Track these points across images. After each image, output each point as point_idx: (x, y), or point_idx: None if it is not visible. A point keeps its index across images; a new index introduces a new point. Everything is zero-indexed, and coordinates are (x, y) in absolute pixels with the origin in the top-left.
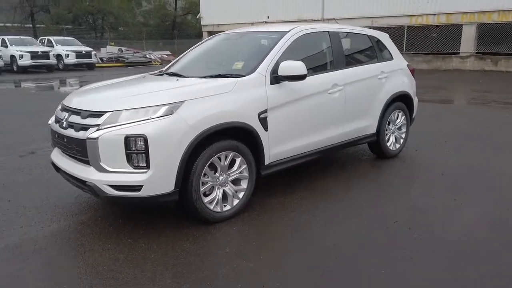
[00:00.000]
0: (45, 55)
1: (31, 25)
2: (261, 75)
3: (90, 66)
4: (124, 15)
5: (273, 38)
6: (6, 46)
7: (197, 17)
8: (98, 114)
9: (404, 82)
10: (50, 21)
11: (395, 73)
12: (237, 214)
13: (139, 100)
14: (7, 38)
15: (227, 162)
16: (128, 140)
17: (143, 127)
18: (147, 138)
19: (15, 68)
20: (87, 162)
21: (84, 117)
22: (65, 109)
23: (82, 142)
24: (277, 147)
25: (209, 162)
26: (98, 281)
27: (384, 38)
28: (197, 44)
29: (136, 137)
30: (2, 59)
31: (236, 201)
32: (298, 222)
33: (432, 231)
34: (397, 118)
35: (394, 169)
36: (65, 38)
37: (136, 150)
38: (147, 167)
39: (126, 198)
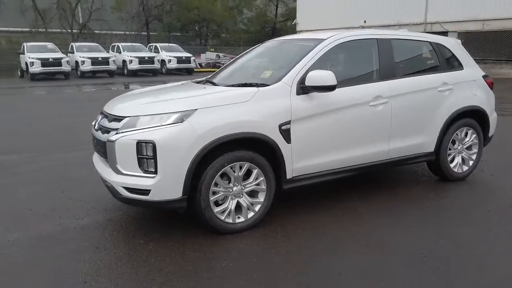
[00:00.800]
0: (151, 60)
1: (145, 33)
2: (287, 85)
3: (189, 71)
4: (226, 23)
5: (308, 46)
6: (120, 52)
7: (293, 23)
8: (119, 119)
9: (476, 96)
10: (161, 29)
11: (463, 85)
12: (252, 228)
13: (157, 107)
14: (121, 45)
15: (241, 173)
16: (140, 145)
17: (152, 133)
18: (155, 144)
19: (125, 71)
20: (107, 163)
21: (109, 121)
22: (101, 112)
23: (103, 144)
24: (302, 161)
25: (220, 172)
26: (93, 277)
27: (453, 45)
28: (246, 51)
29: (146, 142)
30: (115, 64)
31: (251, 214)
32: (313, 244)
33: (465, 272)
34: (466, 136)
35: (454, 195)
36: (170, 44)
37: (146, 155)
38: (155, 172)
39: (137, 201)
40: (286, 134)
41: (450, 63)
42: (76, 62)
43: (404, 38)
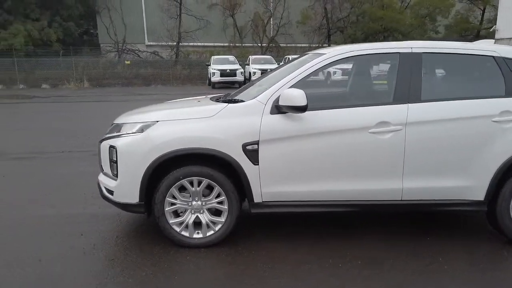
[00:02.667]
0: None
1: (327, 45)
2: (260, 103)
3: None
4: (413, 32)
5: (304, 62)
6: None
7: (490, 30)
8: (111, 125)
9: None
10: (342, 41)
11: None
12: (213, 246)
13: (136, 117)
14: (290, 57)
15: (199, 188)
16: (110, 149)
17: (117, 140)
18: (117, 150)
19: None
20: None
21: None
22: None
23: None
24: (274, 186)
25: (176, 184)
26: (48, 258)
27: None
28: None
29: (113, 148)
30: None
31: (210, 232)
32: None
33: None
34: None
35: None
36: None
37: (113, 160)
38: (117, 176)
39: (109, 200)
40: (252, 154)
41: None
42: (249, 73)
43: (449, 52)
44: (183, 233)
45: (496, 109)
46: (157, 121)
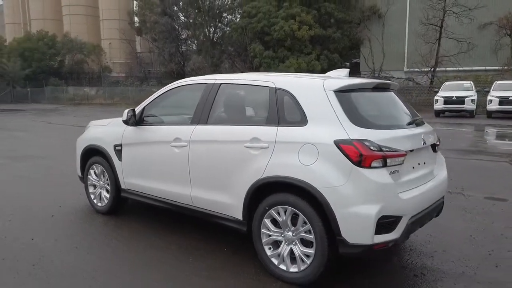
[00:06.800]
0: None
1: None
2: None
3: None
4: None
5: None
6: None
7: None
8: None
9: (306, 166)
10: None
11: (290, 147)
12: (109, 217)
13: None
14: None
15: (98, 172)
16: None
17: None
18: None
19: None
20: None
21: None
22: None
23: None
24: (130, 178)
25: (91, 167)
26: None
27: (302, 91)
28: None
29: None
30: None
31: (103, 204)
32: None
33: None
34: (296, 220)
35: None
36: None
37: None
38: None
39: None
40: (118, 153)
41: (288, 115)
42: (486, 101)
43: (240, 83)
44: (94, 200)
45: (249, 136)
46: (90, 126)
